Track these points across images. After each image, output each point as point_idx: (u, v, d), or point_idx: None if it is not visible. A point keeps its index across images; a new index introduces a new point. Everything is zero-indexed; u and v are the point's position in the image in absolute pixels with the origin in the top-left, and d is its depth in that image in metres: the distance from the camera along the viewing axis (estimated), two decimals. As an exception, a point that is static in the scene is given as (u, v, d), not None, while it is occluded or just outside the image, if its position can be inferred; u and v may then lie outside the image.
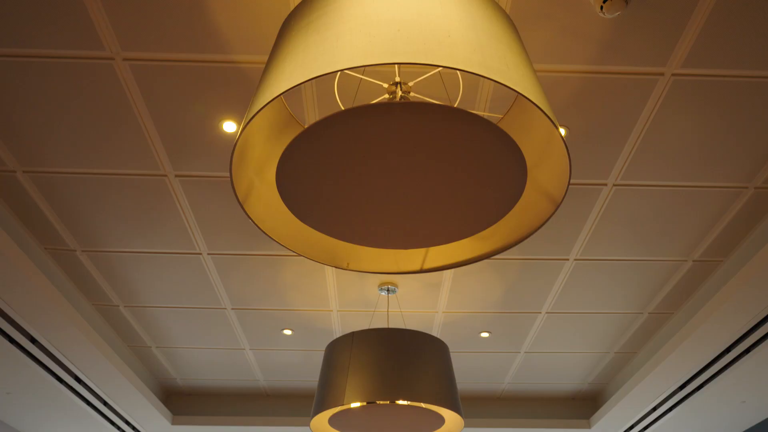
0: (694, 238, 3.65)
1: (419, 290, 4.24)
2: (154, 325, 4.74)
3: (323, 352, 5.20)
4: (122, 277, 4.08)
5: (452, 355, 5.22)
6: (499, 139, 1.53)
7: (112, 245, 3.74)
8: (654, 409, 5.43)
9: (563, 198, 1.68)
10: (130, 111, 2.78)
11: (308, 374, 5.65)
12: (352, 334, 3.43)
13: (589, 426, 6.02)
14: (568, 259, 3.87)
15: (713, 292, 3.99)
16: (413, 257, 2.07)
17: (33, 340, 4.08)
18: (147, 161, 3.07)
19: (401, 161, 1.54)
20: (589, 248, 3.75)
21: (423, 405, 3.24)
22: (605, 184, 3.23)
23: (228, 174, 3.17)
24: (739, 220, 3.48)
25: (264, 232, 1.78)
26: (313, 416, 3.44)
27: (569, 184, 2.32)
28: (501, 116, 2.85)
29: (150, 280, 4.11)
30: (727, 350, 4.27)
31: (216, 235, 3.65)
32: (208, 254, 3.83)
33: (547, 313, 4.52)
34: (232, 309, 4.49)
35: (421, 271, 2.04)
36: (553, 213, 1.73)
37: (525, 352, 5.17)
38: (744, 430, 5.93)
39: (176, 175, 3.17)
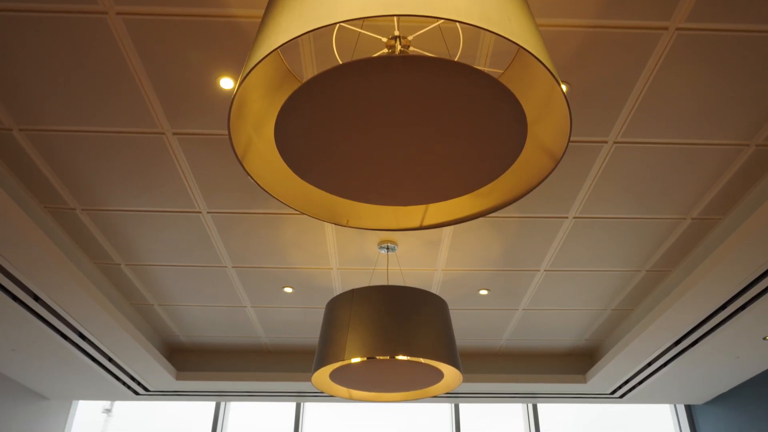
0: (694, 196, 3.65)
1: (419, 248, 4.26)
2: (156, 283, 4.79)
3: (323, 310, 5.26)
4: (123, 235, 4.09)
5: (451, 313, 5.29)
6: (500, 94, 1.52)
7: (112, 204, 3.74)
8: (649, 364, 5.53)
9: (563, 154, 1.67)
10: (125, 67, 2.74)
11: (309, 331, 5.73)
12: (353, 291, 3.46)
13: (585, 381, 6.15)
14: (567, 217, 3.88)
15: (711, 250, 4.01)
16: (413, 214, 2.07)
17: (36, 298, 4.12)
18: (144, 119, 3.05)
19: (400, 117, 1.53)
20: (588, 206, 3.75)
21: (422, 360, 3.29)
22: (605, 142, 3.21)
23: (226, 131, 3.15)
24: (738, 178, 3.47)
25: (263, 189, 1.77)
26: (314, 371, 3.50)
27: (569, 140, 2.30)
28: (502, 71, 2.82)
29: (150, 238, 4.13)
30: (723, 307, 4.32)
31: (215, 194, 3.65)
32: (208, 213, 3.84)
33: (545, 270, 4.55)
34: (233, 267, 4.52)
35: (421, 227, 2.05)
36: (553, 169, 1.72)
37: (523, 310, 5.23)
38: (737, 384, 6.05)
39: (174, 133, 3.15)
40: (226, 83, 2.83)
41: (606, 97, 2.92)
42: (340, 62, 2.56)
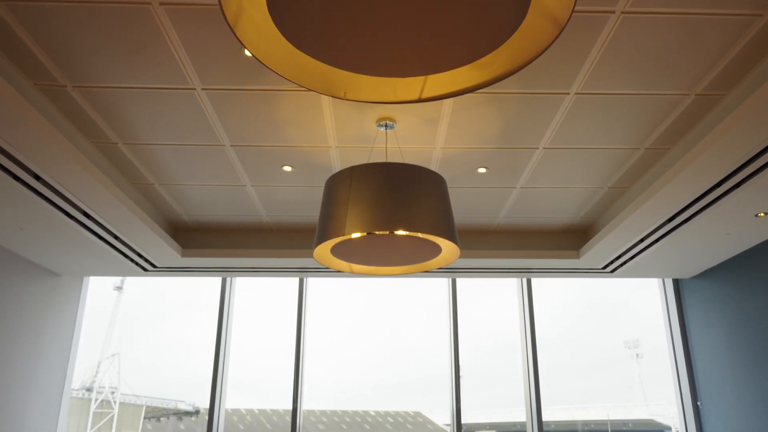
0: (699, 71, 3.55)
1: (417, 125, 4.22)
2: (155, 163, 4.79)
3: (323, 188, 5.31)
4: (117, 113, 4.03)
5: (450, 190, 5.34)
6: (504, -47, 1.43)
7: (103, 80, 3.65)
8: (641, 240, 5.68)
9: (568, 20, 1.61)
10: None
11: (309, 209, 5.83)
12: (352, 168, 3.48)
13: (578, 256, 6.34)
14: (568, 93, 3.80)
15: (712, 127, 3.97)
16: (411, 86, 2.03)
17: (37, 177, 4.14)
18: (130, -12, 2.90)
19: (398, -22, 1.45)
20: (590, 82, 3.67)
21: (420, 235, 3.37)
22: (613, 12, 3.07)
23: None
24: (747, 52, 3.36)
25: (257, 58, 1.72)
26: (315, 246, 3.60)
27: (575, 4, 2.20)
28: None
29: (146, 116, 4.07)
30: (719, 184, 4.35)
31: (209, 70, 3.55)
32: (203, 89, 3.76)
33: (544, 148, 4.54)
34: (231, 146, 4.50)
35: (420, 100, 2.01)
36: (557, 37, 1.66)
37: (521, 187, 5.28)
38: (725, 260, 6.25)
39: (160, 3, 3.01)
40: (214, -53, 2.66)
41: (617, -38, 2.75)
42: None
